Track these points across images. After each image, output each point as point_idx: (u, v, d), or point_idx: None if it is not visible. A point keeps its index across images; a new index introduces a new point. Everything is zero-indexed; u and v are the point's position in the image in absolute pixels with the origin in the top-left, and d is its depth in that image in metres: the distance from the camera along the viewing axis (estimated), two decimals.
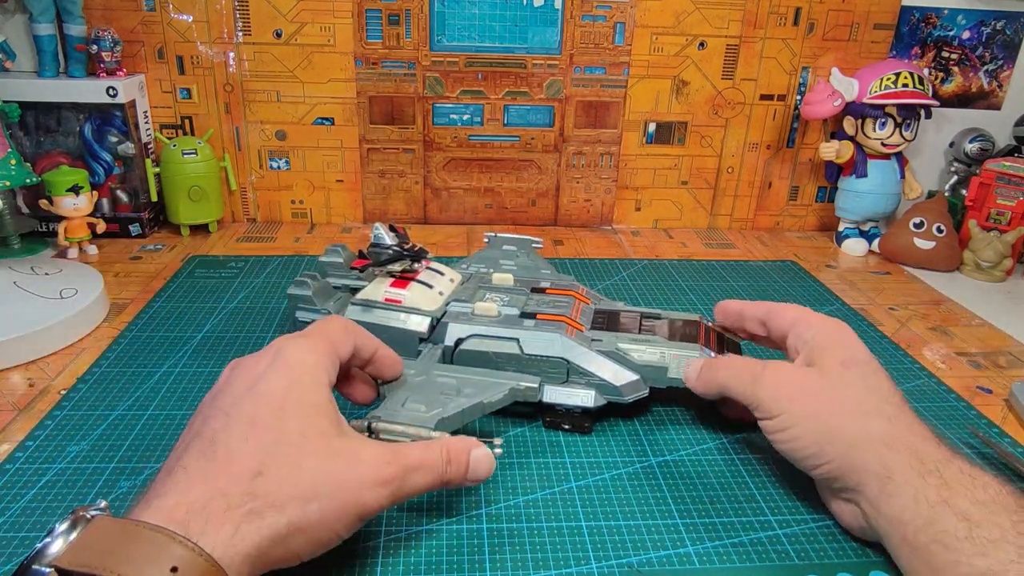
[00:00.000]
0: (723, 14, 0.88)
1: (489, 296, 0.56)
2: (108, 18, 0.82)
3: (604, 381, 0.50)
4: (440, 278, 0.57)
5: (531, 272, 0.63)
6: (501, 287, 0.59)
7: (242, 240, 0.86)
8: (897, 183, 0.90)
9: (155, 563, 0.28)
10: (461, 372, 0.49)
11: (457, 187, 0.93)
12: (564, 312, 0.54)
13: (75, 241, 0.78)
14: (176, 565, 0.28)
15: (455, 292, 0.57)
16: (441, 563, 0.40)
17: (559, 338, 0.50)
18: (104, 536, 0.29)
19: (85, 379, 0.56)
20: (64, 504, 0.43)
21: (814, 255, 0.90)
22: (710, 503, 0.45)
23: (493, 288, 0.58)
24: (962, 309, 0.76)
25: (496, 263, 0.65)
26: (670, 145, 0.94)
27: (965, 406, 0.57)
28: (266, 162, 0.90)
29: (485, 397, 0.46)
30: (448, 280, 0.58)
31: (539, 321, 0.52)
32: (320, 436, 0.35)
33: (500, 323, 0.52)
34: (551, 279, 0.61)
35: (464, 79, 0.88)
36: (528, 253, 0.68)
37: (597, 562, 0.40)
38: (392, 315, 0.54)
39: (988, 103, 0.96)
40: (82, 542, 0.29)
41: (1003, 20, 0.92)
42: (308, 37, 0.85)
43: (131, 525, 0.29)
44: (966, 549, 0.33)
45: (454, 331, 0.52)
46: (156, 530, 0.29)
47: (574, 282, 0.60)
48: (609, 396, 0.50)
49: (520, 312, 0.54)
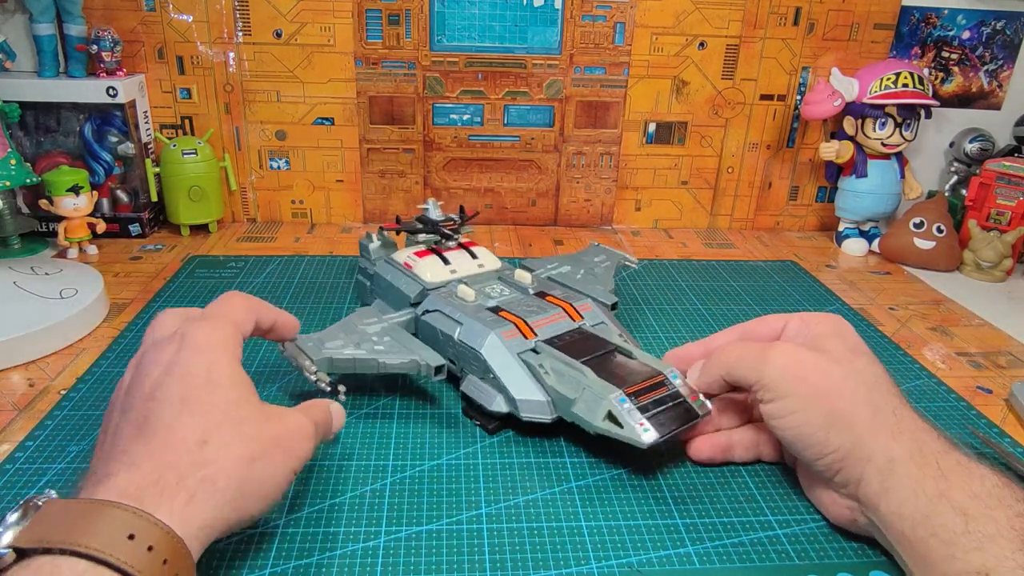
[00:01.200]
0: (723, 14, 0.88)
1: (491, 287, 0.58)
2: (108, 18, 0.82)
3: (506, 389, 0.49)
4: (466, 260, 0.61)
5: (571, 280, 0.62)
6: (513, 282, 0.59)
7: (242, 240, 0.86)
8: (897, 183, 0.90)
9: (112, 533, 0.29)
10: (392, 334, 0.53)
11: (457, 187, 0.93)
12: (527, 316, 0.52)
13: (75, 241, 0.78)
14: (133, 532, 0.29)
15: (474, 276, 0.60)
16: (441, 563, 0.40)
17: (488, 334, 0.50)
18: (58, 515, 0.30)
19: (85, 379, 0.56)
20: None
21: (814, 255, 0.90)
22: (710, 503, 0.45)
23: (507, 282, 0.60)
24: (962, 309, 0.76)
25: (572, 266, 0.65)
26: (670, 145, 0.93)
27: (965, 406, 0.57)
28: (266, 162, 0.90)
29: (384, 357, 0.50)
30: (476, 264, 0.61)
31: (497, 316, 0.53)
32: (248, 403, 0.37)
33: (465, 308, 0.54)
34: (569, 289, 0.59)
35: (464, 79, 0.88)
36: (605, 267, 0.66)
37: (597, 562, 0.40)
38: (399, 277, 0.60)
39: (988, 103, 0.96)
40: (36, 522, 0.29)
41: (1003, 20, 0.92)
42: (308, 37, 0.85)
43: (84, 503, 0.30)
44: (962, 544, 0.33)
45: (427, 303, 0.56)
46: (110, 504, 0.30)
47: (590, 303, 0.56)
48: (511, 407, 0.49)
49: (492, 306, 0.54)
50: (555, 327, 0.52)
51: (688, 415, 0.45)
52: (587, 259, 0.68)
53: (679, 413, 0.44)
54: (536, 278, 0.60)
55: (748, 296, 0.76)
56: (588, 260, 0.67)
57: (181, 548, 0.30)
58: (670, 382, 0.46)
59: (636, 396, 0.44)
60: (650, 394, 0.45)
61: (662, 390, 0.45)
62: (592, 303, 0.56)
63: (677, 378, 0.47)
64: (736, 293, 0.77)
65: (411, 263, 0.60)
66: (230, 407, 0.36)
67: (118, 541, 0.29)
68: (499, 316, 0.53)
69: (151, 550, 0.29)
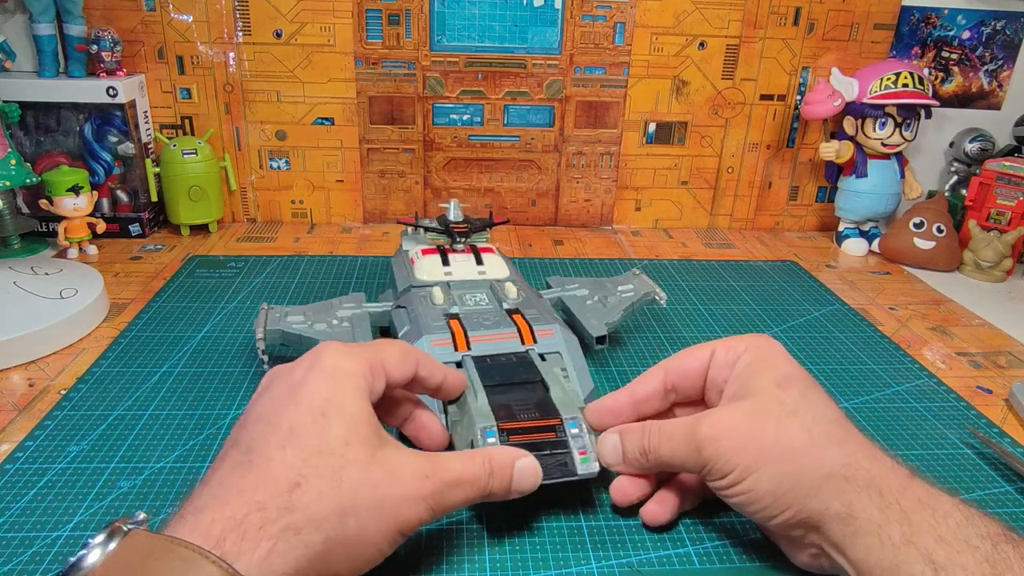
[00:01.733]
0: (723, 14, 0.88)
1: (473, 294, 0.56)
2: (108, 18, 0.82)
3: None
4: (468, 264, 0.60)
5: (577, 304, 0.60)
6: (503, 293, 0.56)
7: (242, 240, 0.86)
8: (897, 183, 0.90)
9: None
10: (354, 321, 0.56)
11: (457, 187, 0.93)
12: (472, 329, 0.51)
13: (75, 241, 0.78)
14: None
15: (468, 281, 0.59)
16: (441, 563, 0.39)
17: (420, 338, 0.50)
18: (137, 551, 0.28)
19: (85, 379, 0.56)
20: (64, 504, 0.43)
21: (814, 255, 0.90)
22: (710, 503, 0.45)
23: (494, 292, 0.57)
24: (962, 309, 0.76)
25: (590, 290, 0.62)
26: (670, 145, 0.94)
27: (965, 406, 0.57)
28: (266, 162, 0.90)
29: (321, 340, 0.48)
30: (477, 270, 0.60)
31: (445, 323, 0.52)
32: (363, 445, 0.34)
33: (426, 310, 0.53)
34: (548, 313, 0.55)
35: (464, 79, 0.88)
36: (623, 298, 0.62)
37: (597, 562, 0.40)
38: (401, 270, 0.61)
39: (988, 103, 0.96)
40: (117, 557, 0.28)
41: (1003, 20, 0.92)
42: (308, 37, 0.85)
43: (165, 541, 0.29)
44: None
45: (403, 299, 0.57)
46: (189, 547, 0.28)
47: (554, 330, 0.52)
48: None
49: (452, 312, 0.54)
50: (496, 346, 0.50)
51: (563, 471, 0.41)
52: (611, 286, 0.64)
53: (552, 465, 0.41)
54: (523, 293, 0.57)
55: (748, 296, 0.76)
56: (611, 287, 0.63)
57: None
58: (564, 430, 0.42)
59: (510, 434, 0.42)
60: (532, 436, 0.42)
61: (549, 435, 0.42)
62: (559, 330, 0.52)
63: (575, 427, 0.43)
64: (736, 293, 0.77)
65: (415, 259, 0.61)
66: (338, 446, 0.33)
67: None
68: (447, 324, 0.51)
69: None
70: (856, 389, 0.59)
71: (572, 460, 0.41)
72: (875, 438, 0.52)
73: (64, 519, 0.41)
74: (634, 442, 0.41)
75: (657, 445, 0.40)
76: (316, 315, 0.57)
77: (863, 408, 0.56)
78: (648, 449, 0.41)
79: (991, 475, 0.49)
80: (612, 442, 0.42)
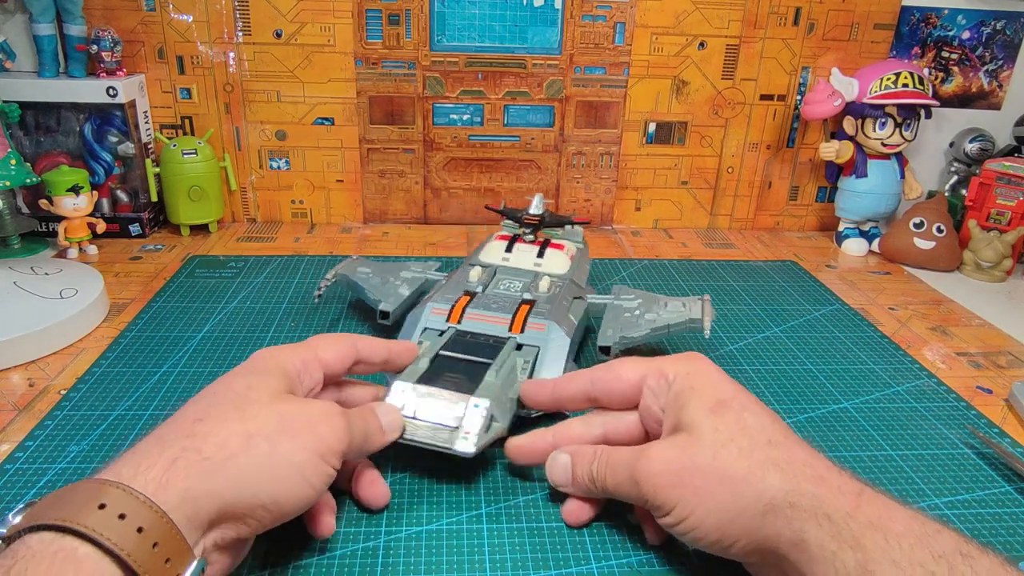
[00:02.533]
0: (723, 14, 0.88)
1: (512, 281, 0.60)
2: (108, 18, 0.82)
3: None
4: (528, 255, 0.64)
5: (615, 313, 0.59)
6: (537, 287, 0.59)
7: (242, 240, 0.86)
8: (897, 183, 0.90)
9: (84, 504, 0.28)
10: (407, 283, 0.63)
11: (457, 187, 0.93)
12: (472, 307, 0.55)
13: (75, 241, 0.78)
14: (104, 502, 0.28)
15: (520, 270, 0.62)
16: (441, 563, 0.40)
17: (429, 305, 0.56)
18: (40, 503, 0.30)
19: (85, 379, 0.56)
20: None
21: (814, 255, 0.90)
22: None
23: (532, 284, 0.59)
24: (962, 309, 0.76)
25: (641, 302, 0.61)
26: (670, 145, 0.94)
27: (965, 406, 0.57)
28: (266, 162, 0.90)
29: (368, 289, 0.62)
30: (534, 262, 0.63)
31: (458, 297, 0.57)
32: (265, 389, 0.36)
33: (456, 285, 0.59)
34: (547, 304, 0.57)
35: (464, 79, 0.88)
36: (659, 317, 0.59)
37: (597, 562, 0.40)
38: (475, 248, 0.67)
39: (988, 103, 0.96)
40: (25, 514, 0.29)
41: (1003, 20, 0.92)
42: (308, 37, 0.85)
43: (67, 486, 0.30)
44: None
45: (456, 271, 0.63)
46: (88, 481, 0.30)
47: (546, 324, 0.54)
48: None
49: (473, 290, 0.58)
50: (483, 326, 0.54)
51: (442, 439, 0.43)
52: (662, 304, 0.60)
53: (433, 433, 0.43)
54: (557, 289, 0.58)
55: (748, 296, 0.76)
56: (661, 305, 0.60)
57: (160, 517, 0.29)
58: (467, 410, 0.44)
59: (423, 396, 0.45)
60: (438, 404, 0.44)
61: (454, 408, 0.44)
62: (553, 328, 0.53)
63: (479, 408, 0.44)
64: (736, 293, 0.77)
65: (487, 244, 0.66)
66: (240, 390, 0.35)
67: (86, 510, 0.28)
68: (458, 298, 0.57)
69: (123, 517, 0.28)
70: (856, 389, 0.59)
71: (452, 437, 0.43)
72: (875, 438, 0.52)
73: None
74: (584, 467, 0.41)
75: (603, 476, 0.40)
76: (382, 272, 0.65)
77: (863, 408, 0.56)
78: (595, 477, 0.41)
79: (991, 475, 0.49)
80: (563, 463, 0.42)
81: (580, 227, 0.71)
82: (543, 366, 0.52)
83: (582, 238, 0.70)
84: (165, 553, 0.29)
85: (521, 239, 0.66)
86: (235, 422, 0.33)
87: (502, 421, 0.45)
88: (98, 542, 0.27)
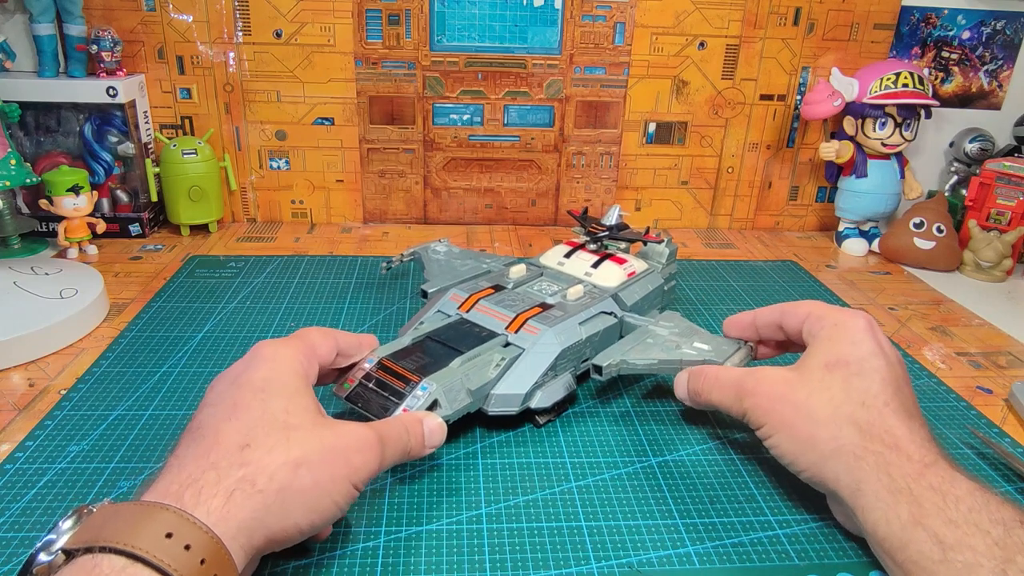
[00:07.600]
0: (723, 14, 0.88)
1: (551, 284, 0.61)
2: (108, 18, 0.82)
3: None
4: (583, 264, 0.63)
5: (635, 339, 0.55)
6: (565, 295, 0.58)
7: (242, 240, 0.86)
8: (897, 183, 0.90)
9: (150, 530, 0.29)
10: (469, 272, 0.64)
11: (457, 187, 0.93)
12: (486, 301, 0.57)
13: (75, 241, 0.78)
14: (171, 531, 0.29)
15: (569, 276, 0.62)
16: (441, 563, 0.40)
17: (450, 291, 0.58)
18: (104, 517, 0.30)
19: (85, 379, 0.56)
20: (64, 504, 0.43)
21: (814, 255, 0.90)
22: (710, 503, 0.45)
23: (564, 290, 0.59)
24: (962, 309, 0.76)
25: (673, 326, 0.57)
26: (670, 145, 0.94)
27: (965, 406, 0.57)
28: (266, 162, 0.90)
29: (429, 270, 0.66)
30: (585, 272, 0.62)
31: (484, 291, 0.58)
32: (304, 412, 0.37)
33: (498, 276, 0.62)
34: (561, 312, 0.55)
35: (464, 79, 0.88)
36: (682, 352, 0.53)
37: (597, 562, 0.40)
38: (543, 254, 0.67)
39: (988, 103, 0.96)
40: (86, 526, 0.30)
41: (1003, 20, 0.92)
42: (308, 37, 0.85)
43: (129, 505, 0.31)
44: (941, 572, 0.33)
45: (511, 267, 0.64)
46: (152, 504, 0.30)
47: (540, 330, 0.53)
48: None
49: (498, 283, 0.60)
50: (487, 320, 0.55)
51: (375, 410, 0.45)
52: (690, 340, 0.55)
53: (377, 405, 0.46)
54: (588, 301, 0.57)
55: (748, 296, 0.76)
56: (689, 341, 0.54)
57: (220, 549, 0.30)
58: (412, 388, 0.46)
59: (380, 368, 0.48)
60: (389, 378, 0.47)
61: (400, 384, 0.47)
62: (548, 334, 0.52)
63: (425, 390, 0.46)
64: (736, 293, 0.77)
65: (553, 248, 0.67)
66: (279, 415, 0.36)
67: (155, 539, 0.29)
68: (484, 289, 0.59)
69: (188, 548, 0.29)
70: None
71: (385, 409, 0.45)
72: None
73: None
74: (694, 382, 0.49)
75: (709, 389, 0.47)
76: (457, 257, 0.68)
77: None
78: (699, 391, 0.48)
79: (991, 475, 0.49)
80: (682, 380, 0.50)
81: (666, 247, 0.66)
82: (516, 369, 0.50)
83: (665, 259, 0.66)
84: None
85: (585, 248, 0.65)
86: (281, 451, 0.34)
87: (447, 409, 0.46)
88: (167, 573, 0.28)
